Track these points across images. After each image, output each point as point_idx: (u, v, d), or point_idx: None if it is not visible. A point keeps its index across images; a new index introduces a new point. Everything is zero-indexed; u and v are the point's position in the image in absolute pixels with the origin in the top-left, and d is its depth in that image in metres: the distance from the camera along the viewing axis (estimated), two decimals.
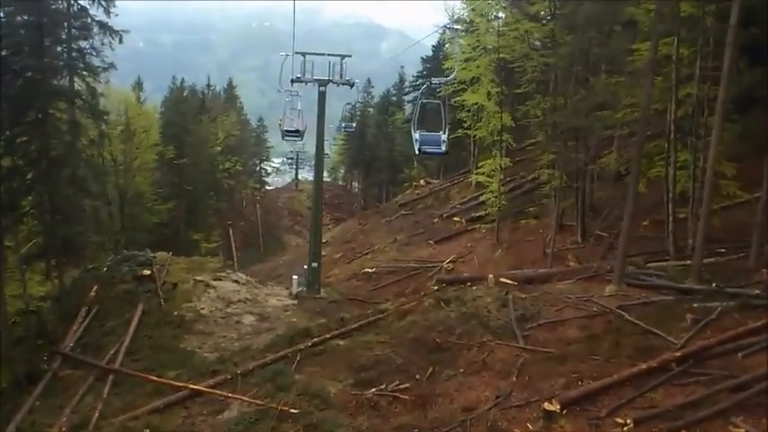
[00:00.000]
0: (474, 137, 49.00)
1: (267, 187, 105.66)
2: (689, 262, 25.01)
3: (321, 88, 31.64)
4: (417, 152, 19.05)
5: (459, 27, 56.09)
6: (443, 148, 18.72)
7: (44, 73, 28.44)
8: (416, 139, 18.54)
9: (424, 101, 20.94)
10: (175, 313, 27.65)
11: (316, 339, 21.79)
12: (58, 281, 30.03)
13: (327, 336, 22.07)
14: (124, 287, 29.40)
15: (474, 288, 23.97)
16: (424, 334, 20.55)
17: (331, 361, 20.02)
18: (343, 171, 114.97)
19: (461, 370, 17.96)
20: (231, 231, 75.94)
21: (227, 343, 25.22)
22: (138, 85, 71.66)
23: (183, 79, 75.25)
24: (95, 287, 29.07)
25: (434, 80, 20.33)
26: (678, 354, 16.43)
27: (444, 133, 18.60)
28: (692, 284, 22.19)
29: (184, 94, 75.18)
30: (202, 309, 28.32)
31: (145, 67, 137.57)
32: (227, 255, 69.74)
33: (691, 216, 27.93)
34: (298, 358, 20.34)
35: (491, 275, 25.10)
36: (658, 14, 22.30)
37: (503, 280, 24.49)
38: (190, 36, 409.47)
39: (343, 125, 37.26)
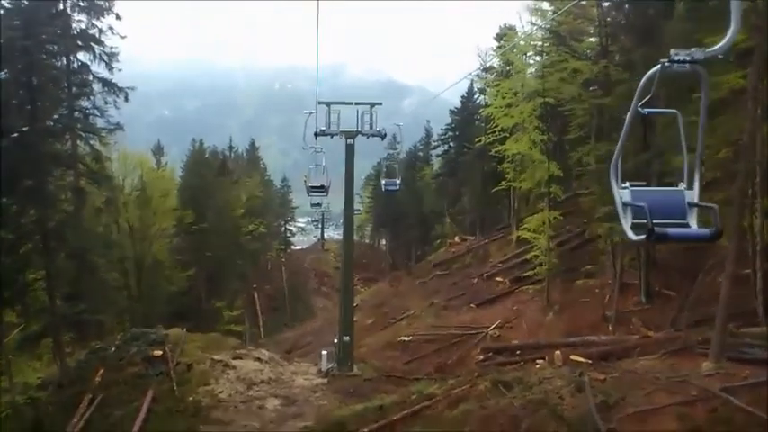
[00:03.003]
0: (513, 189, 45.72)
1: (293, 247, 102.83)
2: None
3: (348, 141, 28.66)
4: (647, 237, 6.45)
5: (488, 76, 53.38)
6: (693, 225, 6.88)
7: (38, 136, 25.52)
8: (626, 204, 6.96)
9: (647, 111, 7.17)
10: (190, 399, 24.62)
11: None
12: (59, 364, 26.92)
13: (365, 430, 18.43)
14: (133, 370, 26.43)
15: (538, 366, 20.23)
16: (483, 427, 16.93)
17: None
18: (369, 229, 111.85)
19: None
20: (257, 296, 72.81)
21: None
22: (159, 150, 69.79)
23: (201, 141, 72.81)
24: (101, 371, 25.94)
25: (678, 54, 6.09)
26: None
27: (693, 187, 7.08)
28: None
29: (205, 156, 72.78)
30: (221, 392, 25.17)
31: (170, 132, 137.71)
32: (253, 321, 66.60)
33: None
34: None
35: (558, 352, 21.36)
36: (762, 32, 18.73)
37: (573, 357, 20.68)
38: (214, 99, 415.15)
39: (383, 182, 32.30)
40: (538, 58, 41.41)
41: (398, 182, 31.11)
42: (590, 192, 35.87)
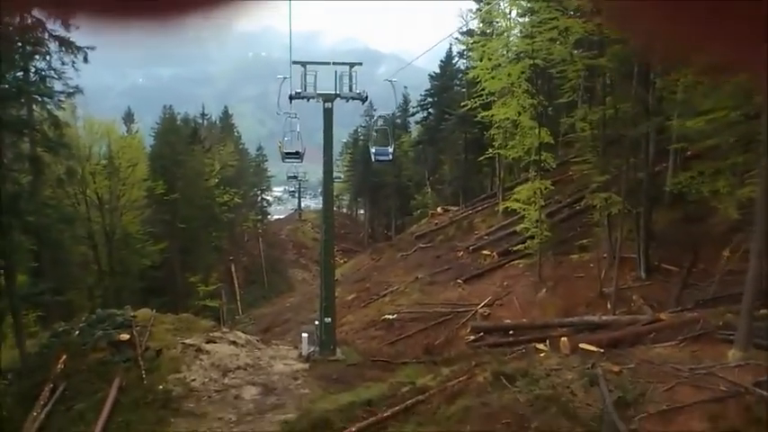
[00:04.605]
0: (499, 157, 43.65)
1: (269, 218, 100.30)
2: None
3: (327, 104, 26.51)
4: None
5: (469, 39, 50.93)
6: None
7: None
8: None
9: None
10: (160, 388, 22.61)
11: None
12: (18, 351, 24.81)
13: (353, 430, 16.53)
14: (98, 356, 24.50)
15: (543, 355, 18.36)
16: (486, 427, 15.02)
17: None
18: (347, 199, 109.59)
19: None
20: (233, 268, 70.57)
21: (224, 428, 20.05)
22: (129, 117, 67.07)
23: (171, 107, 69.79)
24: (64, 357, 23.88)
25: None
26: None
27: None
28: None
29: (176, 123, 69.78)
30: (193, 380, 23.26)
31: (144, 101, 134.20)
32: (230, 295, 64.41)
33: None
34: None
35: (564, 338, 19.50)
36: None
37: (583, 346, 18.82)
38: (188, 68, 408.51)
39: (373, 151, 29.41)
40: (522, 20, 39.22)
41: (391, 150, 28.54)
42: (584, 160, 33.70)
